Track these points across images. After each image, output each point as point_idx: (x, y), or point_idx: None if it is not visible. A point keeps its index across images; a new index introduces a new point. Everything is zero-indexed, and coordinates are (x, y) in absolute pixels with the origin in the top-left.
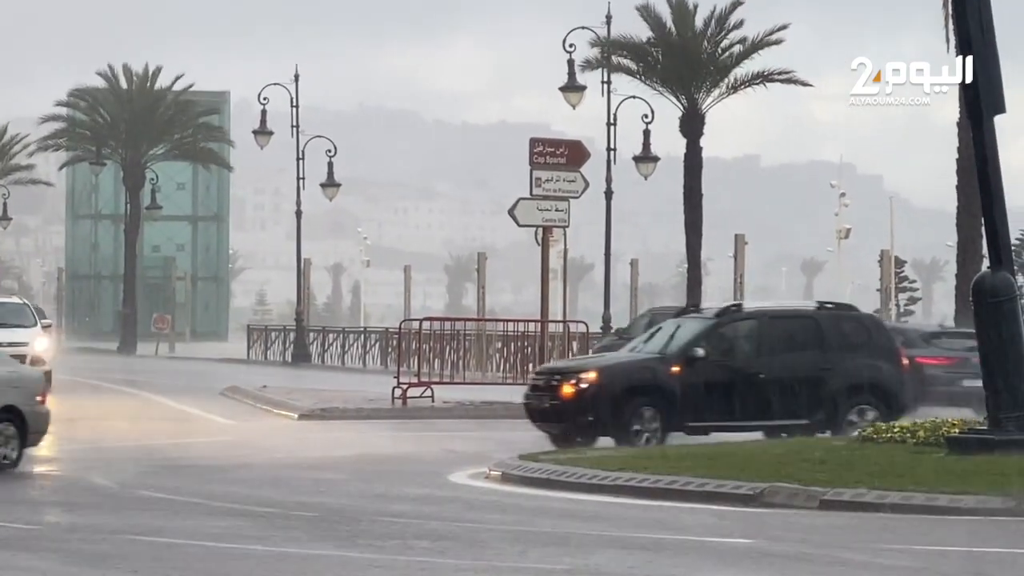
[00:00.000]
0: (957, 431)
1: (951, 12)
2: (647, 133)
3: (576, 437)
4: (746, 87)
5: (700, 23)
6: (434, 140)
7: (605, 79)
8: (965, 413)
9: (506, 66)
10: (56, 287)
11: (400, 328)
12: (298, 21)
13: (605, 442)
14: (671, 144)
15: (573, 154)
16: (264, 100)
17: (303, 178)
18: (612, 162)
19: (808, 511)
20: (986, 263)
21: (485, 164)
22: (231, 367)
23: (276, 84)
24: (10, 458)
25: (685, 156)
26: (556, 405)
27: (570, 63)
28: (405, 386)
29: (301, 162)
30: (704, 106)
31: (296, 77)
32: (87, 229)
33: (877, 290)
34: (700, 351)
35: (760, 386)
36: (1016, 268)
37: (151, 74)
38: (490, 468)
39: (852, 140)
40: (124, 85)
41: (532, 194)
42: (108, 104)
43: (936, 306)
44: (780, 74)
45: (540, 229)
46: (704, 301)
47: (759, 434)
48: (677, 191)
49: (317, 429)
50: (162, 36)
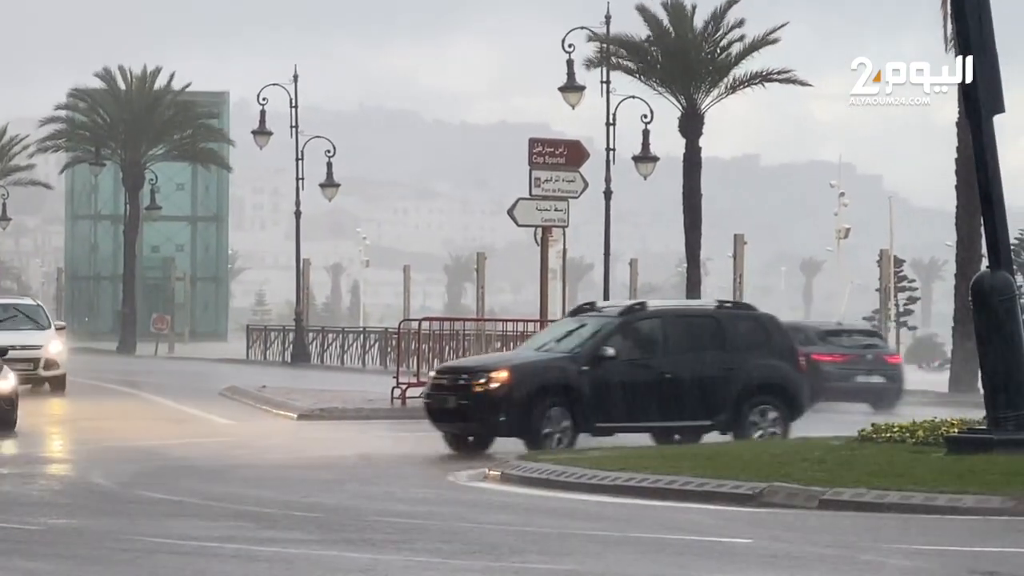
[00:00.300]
0: (956, 431)
1: (950, 12)
2: (646, 133)
3: (485, 437)
4: (745, 87)
5: (699, 23)
6: (433, 140)
7: (604, 79)
8: (861, 408)
9: (505, 66)
10: (55, 287)
11: (399, 328)
12: (297, 21)
13: (501, 444)
14: (670, 144)
15: (572, 154)
16: (263, 100)
17: (302, 178)
18: (611, 162)
19: (807, 511)
20: (985, 263)
21: (484, 164)
22: (230, 367)
23: (275, 84)
24: None
25: (684, 156)
26: (465, 405)
27: (569, 63)
28: (404, 386)
29: (300, 162)
30: (703, 106)
31: (295, 77)
32: (86, 229)
33: (876, 290)
34: (610, 350)
35: (667, 386)
36: (1015, 268)
37: (150, 75)
38: (489, 468)
39: (851, 140)
40: (123, 86)
41: (531, 194)
42: (107, 105)
43: (936, 306)
44: (779, 74)
45: (539, 229)
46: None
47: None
48: (676, 191)
49: (316, 429)
50: (161, 37)
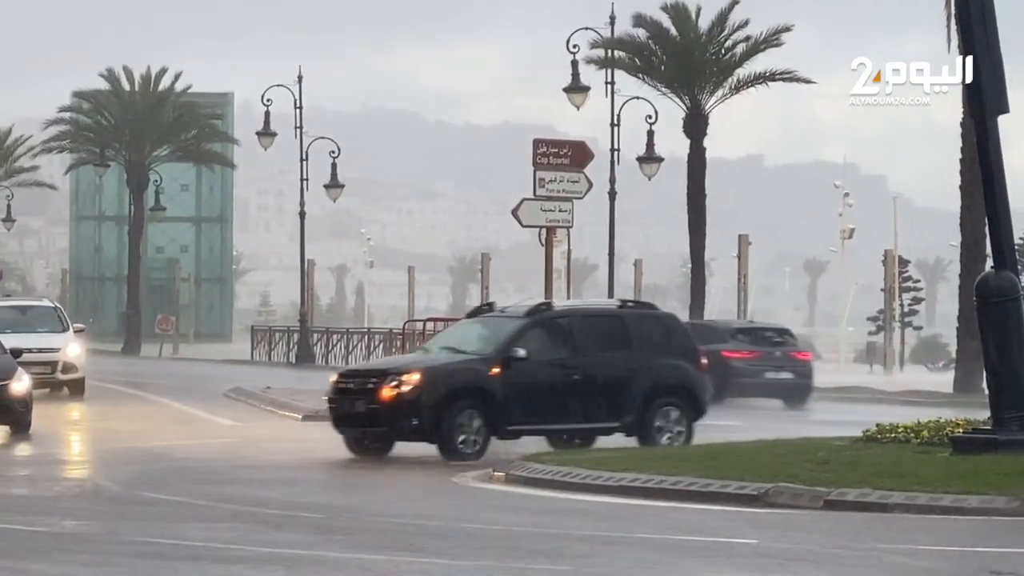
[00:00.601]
0: (961, 431)
1: (954, 12)
2: (651, 134)
3: (392, 441)
4: (749, 87)
5: (704, 24)
6: (437, 141)
7: (609, 80)
8: (771, 403)
9: (509, 67)
10: (60, 289)
11: (404, 329)
12: (301, 22)
13: (402, 448)
14: (675, 144)
15: (577, 155)
16: (267, 102)
17: (307, 179)
18: (616, 163)
19: (812, 511)
20: (990, 263)
21: (488, 165)
22: (235, 368)
23: (279, 85)
24: None
25: (689, 156)
26: (375, 409)
27: (574, 64)
28: None
29: (305, 163)
30: (707, 106)
31: (299, 78)
32: (91, 231)
33: (881, 290)
34: (521, 352)
35: (576, 388)
36: (1020, 268)
37: (154, 76)
38: (494, 469)
39: (856, 140)
40: (127, 87)
41: (536, 195)
42: (111, 106)
43: (940, 306)
44: (782, 73)
45: (544, 230)
46: (708, 301)
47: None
48: (681, 191)
49: (321, 430)
50: (165, 38)
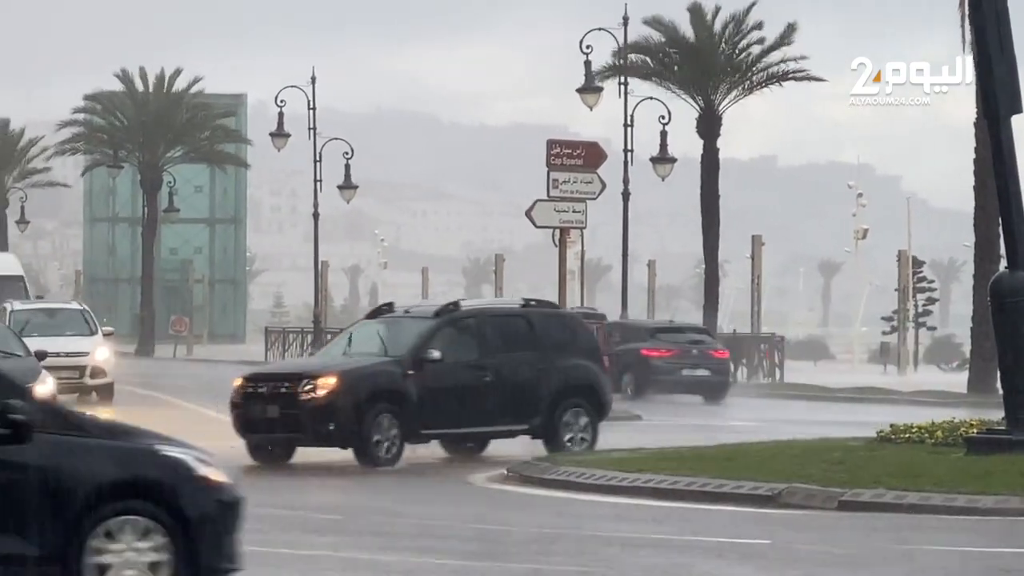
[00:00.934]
0: (975, 431)
1: (967, 12)
2: (664, 134)
3: (294, 447)
4: (763, 87)
5: (718, 26)
6: (450, 142)
7: (622, 81)
8: (690, 399)
9: (522, 68)
10: (74, 290)
11: None
12: (314, 23)
13: (303, 453)
14: (688, 145)
15: (590, 155)
16: (281, 103)
17: (320, 180)
18: (629, 163)
19: (827, 512)
20: (1004, 263)
21: (501, 166)
22: (249, 370)
23: (293, 86)
24: None
25: (702, 157)
26: (290, 414)
27: (587, 65)
28: None
29: (318, 164)
30: (721, 107)
31: (313, 79)
32: (105, 232)
33: (895, 290)
34: (436, 353)
35: (487, 390)
36: None
37: (168, 77)
38: (508, 470)
39: (870, 140)
40: (141, 88)
41: (549, 195)
42: (125, 107)
43: (954, 306)
44: (796, 72)
45: (557, 230)
46: (722, 302)
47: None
48: (694, 192)
49: None
50: (178, 39)
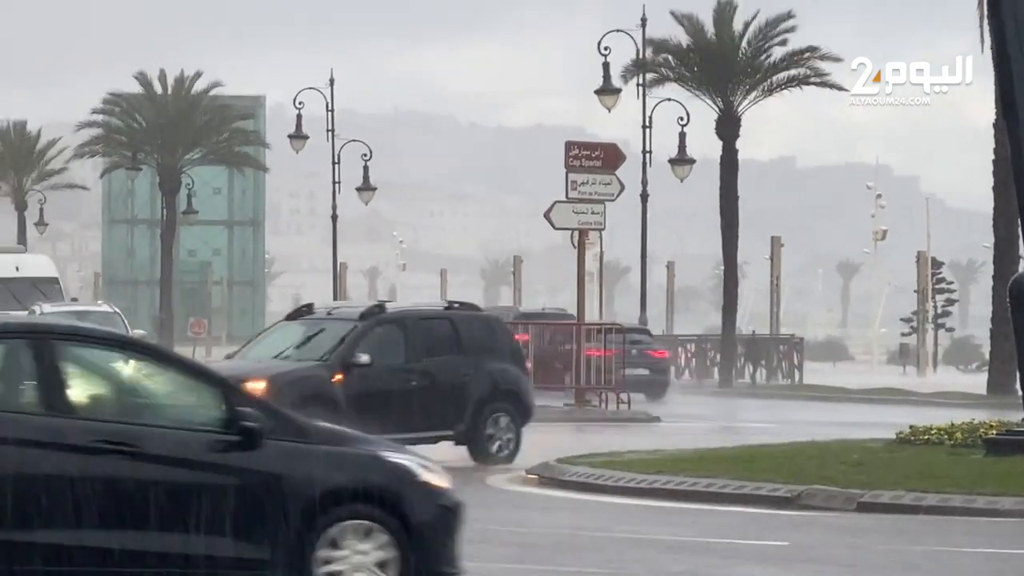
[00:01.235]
0: (995, 433)
1: (986, 12)
2: (683, 135)
3: None
4: (782, 89)
5: (739, 27)
6: (469, 143)
7: (641, 82)
8: (635, 396)
9: (541, 69)
10: (92, 292)
11: None
12: (333, 25)
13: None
14: (707, 146)
15: (608, 157)
16: (299, 105)
17: (339, 182)
18: (648, 164)
19: (846, 513)
20: (1023, 264)
21: (520, 167)
22: None
23: (311, 88)
24: None
25: (721, 158)
26: None
27: (605, 66)
28: None
29: (337, 166)
30: (740, 108)
31: (331, 81)
32: (123, 234)
33: (914, 291)
34: (365, 357)
35: (414, 395)
36: None
37: (187, 79)
38: (527, 471)
39: (889, 141)
40: (159, 90)
41: (568, 197)
42: (144, 109)
43: (973, 307)
44: (816, 76)
45: (576, 232)
46: (741, 304)
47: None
48: (713, 193)
49: None
50: (197, 41)
